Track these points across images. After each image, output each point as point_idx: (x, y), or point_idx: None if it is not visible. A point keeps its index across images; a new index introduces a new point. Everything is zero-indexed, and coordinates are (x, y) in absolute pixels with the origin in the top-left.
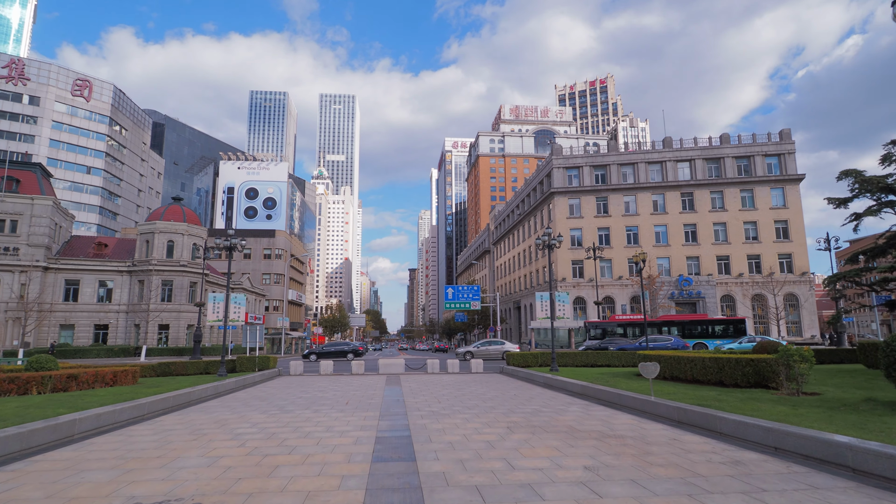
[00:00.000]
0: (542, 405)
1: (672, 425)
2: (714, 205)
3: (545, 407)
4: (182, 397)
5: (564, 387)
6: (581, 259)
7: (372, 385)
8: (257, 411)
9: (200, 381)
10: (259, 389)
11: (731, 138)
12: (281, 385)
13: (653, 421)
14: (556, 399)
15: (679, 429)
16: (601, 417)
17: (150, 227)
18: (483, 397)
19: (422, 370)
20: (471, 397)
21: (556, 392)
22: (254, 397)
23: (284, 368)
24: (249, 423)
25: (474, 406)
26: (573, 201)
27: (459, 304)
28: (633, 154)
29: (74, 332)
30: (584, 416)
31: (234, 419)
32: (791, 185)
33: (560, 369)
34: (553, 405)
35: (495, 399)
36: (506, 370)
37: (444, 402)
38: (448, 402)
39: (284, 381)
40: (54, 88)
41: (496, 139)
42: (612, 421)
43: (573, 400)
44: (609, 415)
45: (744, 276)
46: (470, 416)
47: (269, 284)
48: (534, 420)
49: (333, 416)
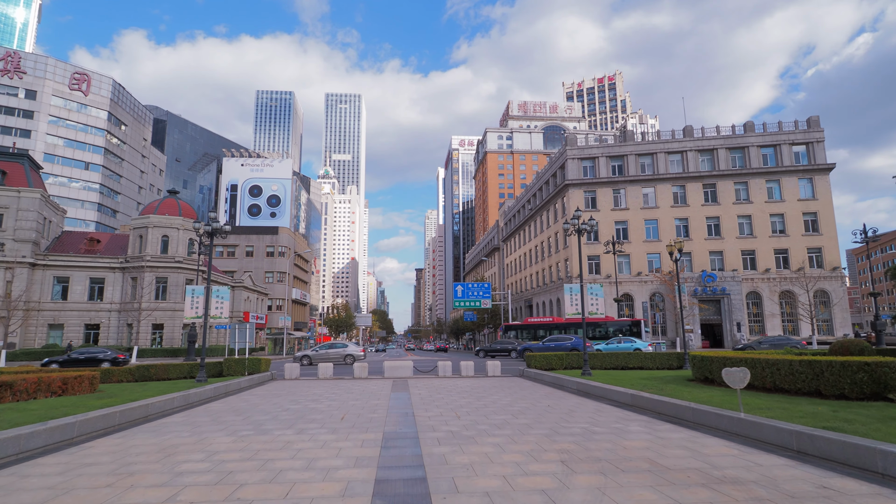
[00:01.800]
0: (590, 421)
1: (792, 458)
2: (738, 196)
3: (596, 425)
4: (135, 411)
5: (606, 395)
6: (598, 254)
7: (375, 392)
8: (224, 432)
9: (176, 388)
10: (241, 398)
11: (756, 127)
12: (270, 392)
13: (756, 449)
14: (602, 412)
15: (808, 464)
16: (682, 443)
17: (143, 221)
18: (511, 409)
19: (432, 373)
20: (496, 409)
21: (599, 402)
22: (231, 409)
23: (280, 372)
24: (204, 454)
25: (504, 423)
26: (589, 194)
27: (469, 302)
28: (652, 144)
29: (64, 332)
30: (656, 440)
31: (187, 445)
32: (820, 175)
33: (592, 372)
34: (604, 422)
35: (527, 412)
36: (527, 373)
37: (465, 416)
38: (469, 416)
39: (275, 388)
40: (51, 82)
41: (504, 135)
42: (702, 451)
43: (626, 414)
44: (688, 438)
45: (771, 272)
46: (503, 439)
47: (273, 283)
48: (592, 447)
49: (321, 439)
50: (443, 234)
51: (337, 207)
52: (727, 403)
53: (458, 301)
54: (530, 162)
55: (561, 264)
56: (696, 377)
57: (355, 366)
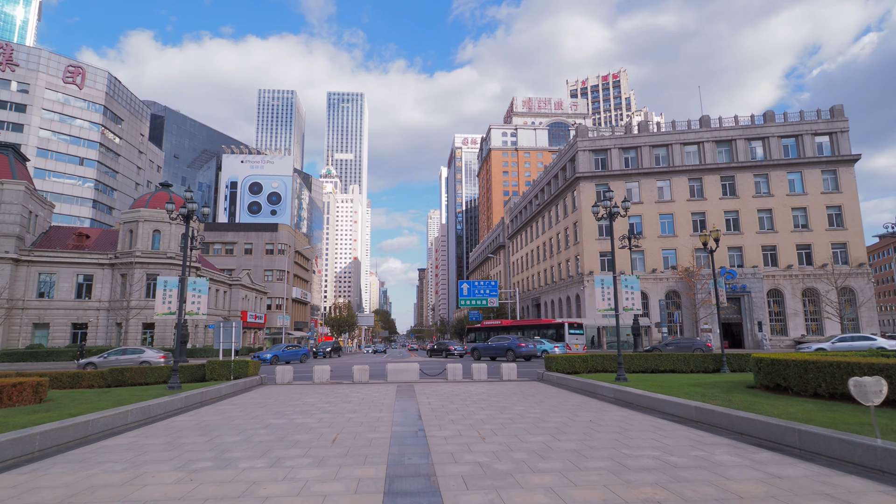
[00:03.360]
0: (658, 447)
1: None
2: (758, 189)
3: (669, 452)
4: (68, 432)
5: (656, 406)
6: (609, 250)
7: (377, 401)
8: (173, 464)
9: (144, 397)
10: (218, 409)
11: (776, 117)
12: (253, 401)
13: None
14: (664, 432)
15: None
16: (813, 486)
17: (133, 215)
18: (545, 426)
19: (441, 377)
20: (526, 425)
21: (650, 416)
22: (198, 426)
23: (271, 375)
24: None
25: (546, 449)
26: (601, 187)
27: (475, 301)
28: (667, 135)
29: (49, 331)
30: (771, 481)
31: (109, 489)
32: (845, 166)
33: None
34: (677, 448)
35: (567, 431)
36: (547, 377)
37: (491, 437)
38: (496, 436)
39: (262, 395)
40: (45, 75)
41: (508, 132)
42: (855, 501)
43: (697, 435)
44: (814, 477)
45: (793, 269)
46: (554, 478)
47: (272, 282)
48: (690, 495)
49: (301, 477)
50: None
51: (339, 207)
52: (838, 423)
53: (463, 300)
54: (535, 159)
55: (571, 261)
56: (761, 384)
57: (355, 369)
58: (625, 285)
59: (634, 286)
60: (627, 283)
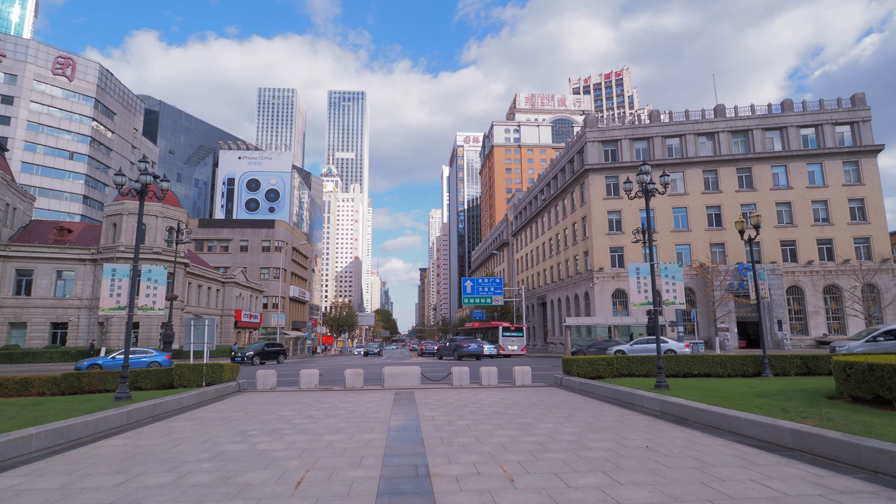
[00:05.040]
0: (772, 496)
1: None
2: (776, 182)
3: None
4: None
5: (727, 426)
6: (621, 246)
7: (369, 415)
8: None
9: (82, 411)
10: (166, 428)
11: (794, 105)
12: (219, 415)
13: None
14: (758, 467)
15: None
16: None
17: (117, 207)
18: (590, 458)
19: (445, 382)
20: (567, 458)
21: (725, 441)
22: (124, 456)
23: (252, 380)
24: None
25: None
26: (610, 180)
27: (479, 299)
28: (680, 125)
29: (27, 331)
30: None
31: None
32: (867, 157)
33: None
34: (801, 495)
35: (624, 466)
36: (567, 383)
37: (522, 479)
38: (529, 479)
39: (233, 406)
40: (33, 66)
41: (511, 129)
42: None
43: (814, 473)
44: None
45: (814, 264)
46: None
47: (269, 280)
48: None
49: None
50: (447, 233)
51: (340, 206)
52: None
53: (467, 298)
54: (538, 156)
55: (579, 257)
56: (850, 394)
57: (347, 372)
58: (664, 275)
59: (676, 276)
60: (668, 273)
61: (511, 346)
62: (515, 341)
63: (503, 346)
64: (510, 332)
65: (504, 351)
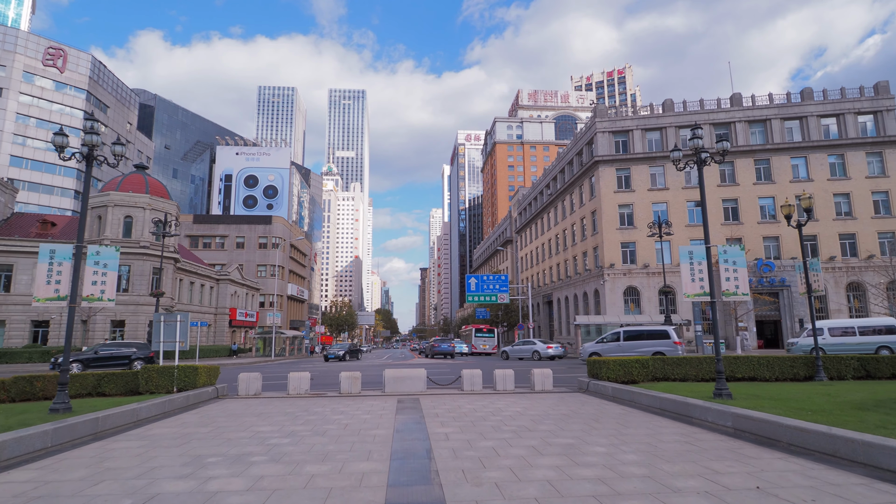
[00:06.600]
0: None
1: None
2: (796, 174)
3: None
4: None
5: (844, 452)
6: (633, 241)
7: (366, 431)
8: None
9: (19, 422)
10: (101, 452)
11: (815, 94)
12: (179, 432)
13: None
14: None
15: None
16: None
17: (102, 199)
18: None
19: (454, 386)
20: (653, 502)
21: (847, 474)
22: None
23: (234, 384)
24: None
25: None
26: (622, 172)
27: (484, 297)
28: (695, 114)
29: (6, 329)
30: None
31: None
32: (892, 148)
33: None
34: None
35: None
36: (596, 388)
37: None
38: None
39: (202, 418)
40: (22, 57)
41: (514, 125)
42: None
43: None
44: None
45: (836, 260)
46: None
47: (266, 277)
48: None
49: None
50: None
51: (340, 205)
52: None
53: (471, 295)
54: (541, 153)
55: (589, 253)
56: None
57: (342, 376)
58: (724, 260)
59: (739, 261)
60: (728, 257)
61: (483, 345)
62: (487, 341)
63: (475, 346)
64: (482, 333)
65: (476, 350)
